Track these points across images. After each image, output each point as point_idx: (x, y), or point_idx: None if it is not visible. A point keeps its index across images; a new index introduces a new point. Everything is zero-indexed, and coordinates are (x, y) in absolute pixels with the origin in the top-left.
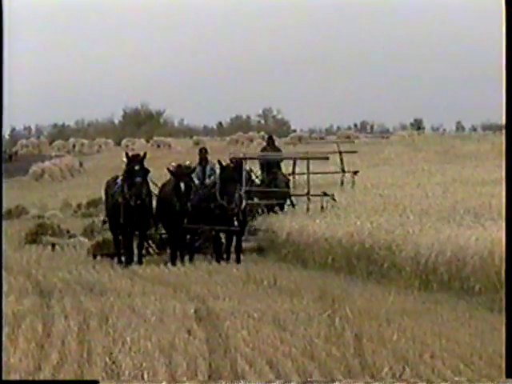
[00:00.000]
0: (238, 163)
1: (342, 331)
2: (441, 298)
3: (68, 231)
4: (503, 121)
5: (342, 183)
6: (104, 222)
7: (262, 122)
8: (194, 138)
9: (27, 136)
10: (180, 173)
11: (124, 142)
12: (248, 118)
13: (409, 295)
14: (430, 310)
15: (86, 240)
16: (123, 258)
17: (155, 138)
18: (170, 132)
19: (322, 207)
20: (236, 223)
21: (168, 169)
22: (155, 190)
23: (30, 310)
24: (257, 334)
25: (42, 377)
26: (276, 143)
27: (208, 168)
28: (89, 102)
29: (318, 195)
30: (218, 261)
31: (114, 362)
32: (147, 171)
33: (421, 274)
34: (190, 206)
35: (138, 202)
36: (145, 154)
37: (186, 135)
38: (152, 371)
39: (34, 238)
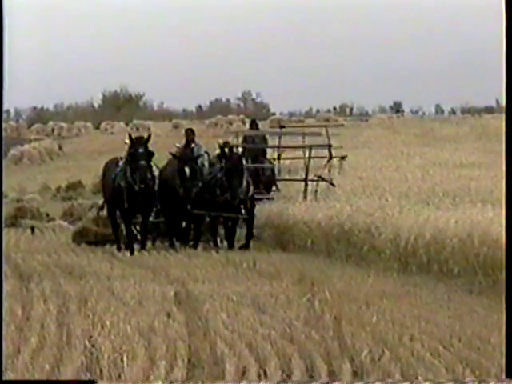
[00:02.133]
0: (242, 152)
1: (322, 314)
2: (420, 281)
3: (47, 214)
4: (482, 104)
5: (329, 169)
6: (101, 207)
7: (242, 105)
8: (173, 121)
9: (6, 119)
10: (185, 157)
11: (103, 125)
12: (227, 101)
13: (388, 278)
14: (409, 293)
15: (66, 223)
16: (122, 245)
17: (134, 122)
18: (150, 115)
19: (316, 191)
20: (243, 211)
21: (171, 153)
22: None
23: (9, 294)
24: (236, 317)
25: (20, 360)
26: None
27: (195, 149)
28: (68, 85)
29: (315, 180)
30: (215, 245)
31: (93, 346)
32: (151, 154)
33: (400, 257)
34: (195, 193)
35: (142, 186)
36: (149, 136)
37: (165, 118)
38: (131, 354)
39: (12, 221)
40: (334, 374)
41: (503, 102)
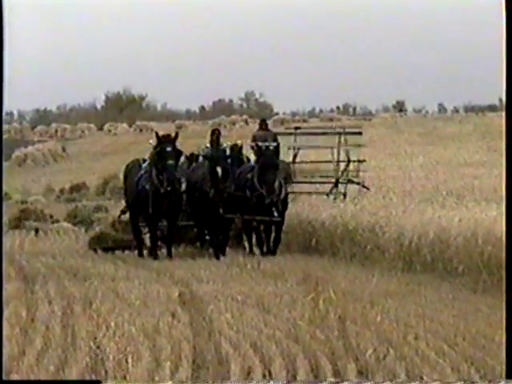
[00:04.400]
0: (276, 145)
1: (326, 313)
2: (424, 280)
3: (51, 216)
4: (486, 102)
5: (347, 173)
6: (123, 211)
7: (245, 105)
8: (177, 122)
9: (9, 121)
10: (217, 157)
11: (106, 126)
12: (230, 101)
13: (392, 277)
14: (413, 292)
15: (70, 225)
16: (145, 251)
17: (138, 123)
18: (153, 116)
19: (345, 194)
20: (276, 213)
21: (202, 154)
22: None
23: (13, 296)
24: (241, 317)
25: (25, 361)
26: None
27: (221, 151)
28: (71, 87)
29: (344, 183)
30: (251, 251)
31: (98, 347)
32: (180, 153)
33: (404, 256)
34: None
35: (169, 188)
36: (176, 134)
37: (168, 119)
38: (136, 355)
39: (17, 223)
40: (338, 373)
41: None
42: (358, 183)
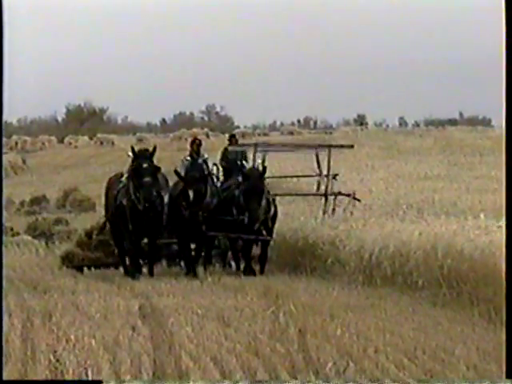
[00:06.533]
0: (263, 170)
1: (286, 327)
2: (384, 293)
3: (11, 229)
4: (446, 116)
5: (319, 187)
6: (102, 228)
7: (206, 118)
8: (137, 134)
9: None
10: (190, 179)
11: (67, 139)
12: (191, 114)
13: (352, 290)
14: (373, 305)
15: (30, 238)
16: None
17: (98, 135)
18: (114, 129)
19: (334, 209)
20: (264, 232)
21: (175, 171)
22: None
23: None
24: (201, 331)
25: None
26: (219, 139)
27: (204, 166)
28: (31, 100)
29: (335, 194)
30: (238, 269)
31: (57, 360)
32: (157, 169)
33: (364, 269)
34: (208, 212)
35: (147, 205)
36: (154, 149)
37: (129, 132)
38: (96, 368)
39: None
40: None
41: (467, 114)
42: (348, 195)
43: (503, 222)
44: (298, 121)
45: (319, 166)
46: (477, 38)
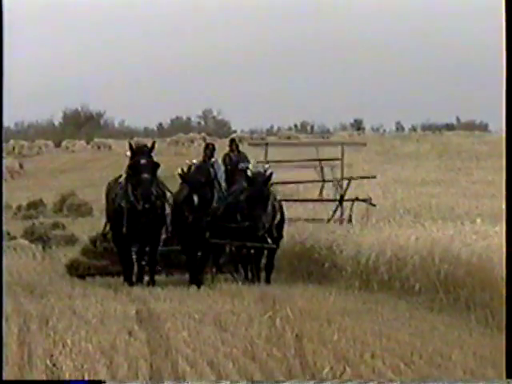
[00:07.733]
0: (270, 174)
1: (283, 332)
2: (381, 298)
3: (8, 233)
4: (443, 121)
5: (321, 192)
6: (104, 235)
7: (203, 123)
8: (134, 139)
9: None
10: (195, 183)
11: (64, 143)
12: (188, 119)
13: (349, 295)
14: (370, 310)
15: (27, 242)
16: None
17: (95, 140)
18: (111, 133)
19: (351, 216)
20: (269, 240)
21: (180, 174)
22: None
23: None
24: (198, 335)
25: None
26: (217, 144)
27: (211, 171)
28: (28, 104)
29: (351, 200)
30: (246, 278)
31: (54, 365)
32: (157, 165)
33: (361, 274)
34: (212, 217)
35: (147, 205)
36: (153, 144)
37: (126, 136)
38: (93, 373)
39: None
40: None
41: (464, 119)
42: (364, 200)
43: (503, 227)
44: (295, 125)
45: (322, 171)
46: (475, 43)
